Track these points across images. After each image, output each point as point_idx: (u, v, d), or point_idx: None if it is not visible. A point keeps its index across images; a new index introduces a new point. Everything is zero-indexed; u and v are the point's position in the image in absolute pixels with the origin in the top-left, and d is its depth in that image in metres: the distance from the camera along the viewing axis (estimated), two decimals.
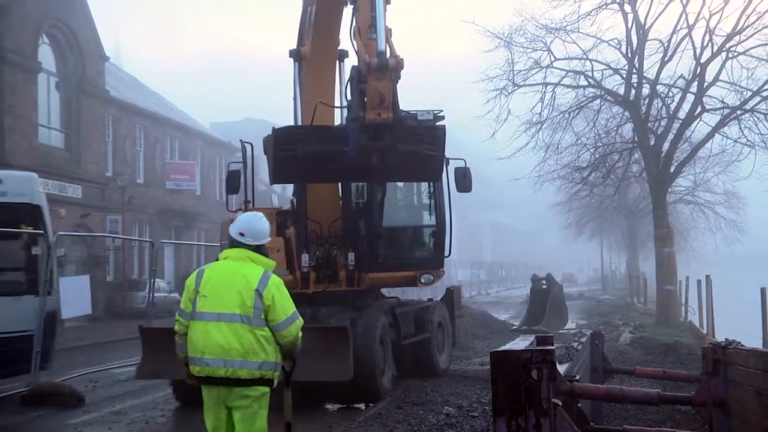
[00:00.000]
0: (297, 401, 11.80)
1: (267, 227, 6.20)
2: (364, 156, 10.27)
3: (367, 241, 13.24)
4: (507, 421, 3.70)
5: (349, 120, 10.42)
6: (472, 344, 20.81)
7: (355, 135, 10.05)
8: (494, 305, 39.83)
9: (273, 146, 11.22)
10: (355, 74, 10.17)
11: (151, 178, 38.95)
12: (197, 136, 45.05)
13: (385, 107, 9.83)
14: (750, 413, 5.82)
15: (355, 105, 10.10)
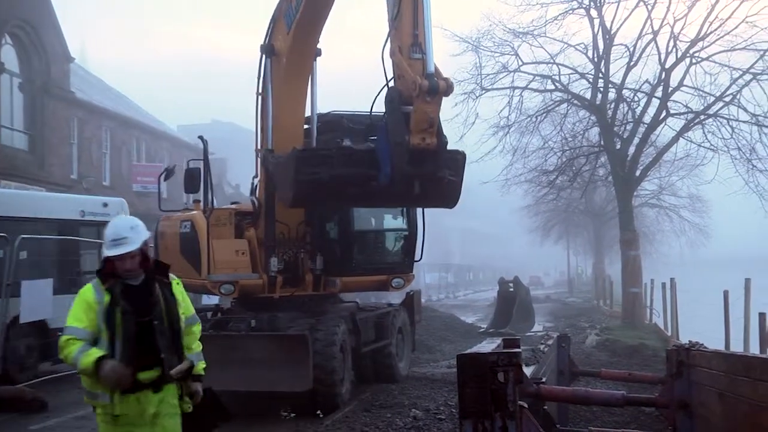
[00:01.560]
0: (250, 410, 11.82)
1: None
2: (401, 182, 9.63)
3: (339, 244, 13.17)
4: (473, 423, 3.70)
5: (382, 143, 9.85)
6: (439, 347, 20.83)
7: (395, 160, 9.48)
8: (462, 308, 39.90)
9: (293, 168, 10.55)
10: (396, 96, 9.55)
11: (117, 180, 38.54)
12: (164, 138, 44.67)
13: (430, 132, 9.33)
14: (712, 414, 5.87)
15: (398, 128, 9.44)
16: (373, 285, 14.27)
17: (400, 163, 9.39)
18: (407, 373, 14.80)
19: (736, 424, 5.21)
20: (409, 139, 9.25)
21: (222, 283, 12.08)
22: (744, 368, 5.02)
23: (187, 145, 46.72)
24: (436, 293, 55.54)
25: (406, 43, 9.63)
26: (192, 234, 12.53)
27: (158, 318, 5.47)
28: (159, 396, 5.43)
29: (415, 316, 15.80)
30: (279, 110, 12.26)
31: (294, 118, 12.48)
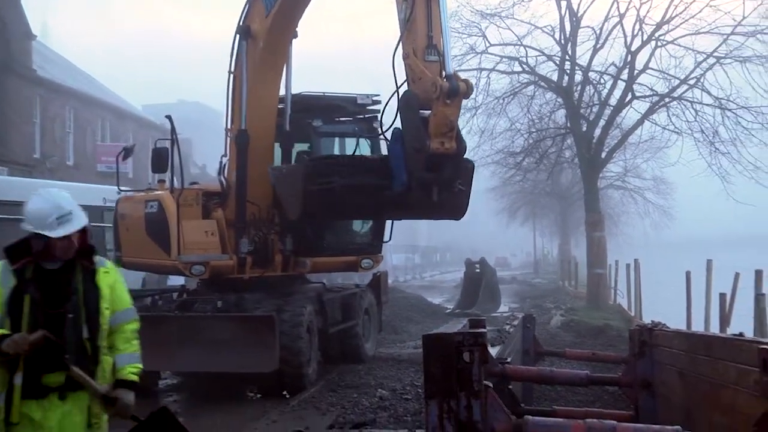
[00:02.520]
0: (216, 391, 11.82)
1: None
2: (418, 189, 9.26)
3: (310, 225, 13.16)
4: (439, 403, 3.73)
5: (396, 150, 9.46)
6: (406, 328, 20.91)
7: (412, 166, 9.10)
8: (428, 289, 40.06)
9: (302, 178, 10.17)
10: (413, 100, 9.24)
11: (81, 160, 38.08)
12: (129, 118, 44.17)
13: (449, 136, 9.02)
14: (673, 393, 5.97)
15: (417, 133, 9.08)
16: (342, 266, 14.31)
17: (417, 169, 9.04)
18: (374, 354, 14.86)
19: (696, 402, 5.30)
20: (429, 144, 8.92)
21: (193, 264, 11.99)
22: (704, 347, 5.11)
23: (153, 125, 46.24)
24: (403, 274, 55.70)
25: (420, 46, 9.38)
26: (160, 214, 12.38)
27: (74, 311, 4.59)
28: (64, 407, 4.57)
29: (381, 297, 15.85)
30: (253, 91, 12.15)
31: (269, 99, 12.40)
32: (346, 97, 13.77)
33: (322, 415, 9.75)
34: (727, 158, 25.49)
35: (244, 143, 12.03)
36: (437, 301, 30.69)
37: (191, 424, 10.20)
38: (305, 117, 12.98)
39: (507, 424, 3.80)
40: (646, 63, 26.26)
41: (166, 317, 11.72)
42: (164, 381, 12.94)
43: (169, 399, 11.87)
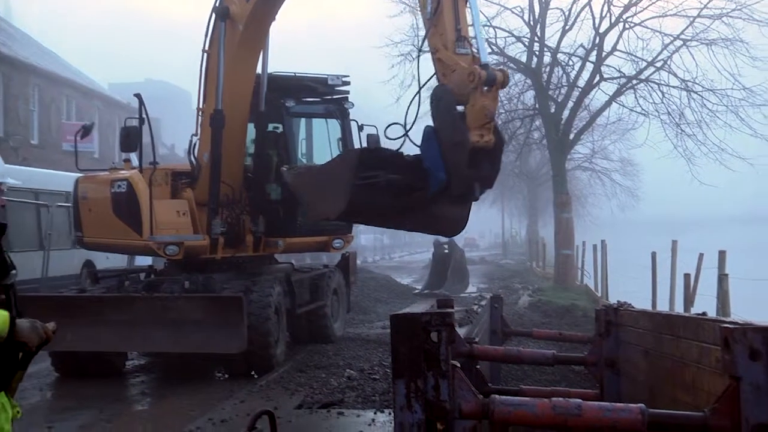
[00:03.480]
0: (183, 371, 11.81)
1: None
2: (460, 186, 8.78)
3: (283, 205, 13.13)
4: (406, 382, 3.74)
5: (431, 149, 8.92)
6: (374, 308, 20.97)
7: (452, 162, 8.63)
8: (397, 270, 40.16)
9: (353, 170, 9.22)
10: (447, 94, 8.84)
11: (46, 139, 37.60)
12: (95, 96, 43.64)
13: (488, 128, 8.64)
14: (638, 371, 6.05)
15: (455, 126, 8.66)
16: (314, 246, 14.36)
17: (459, 164, 8.60)
18: (342, 334, 14.91)
19: (660, 380, 5.37)
20: (470, 137, 8.57)
21: (167, 244, 11.91)
22: (668, 326, 5.17)
23: (120, 104, 45.76)
24: (372, 255, 55.76)
25: (450, 39, 9.13)
26: (129, 194, 12.23)
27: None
28: None
29: (350, 278, 15.88)
30: (230, 72, 11.98)
31: (245, 80, 12.28)
32: (317, 77, 13.74)
33: (291, 395, 9.77)
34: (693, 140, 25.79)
35: (219, 123, 11.92)
36: (406, 282, 30.79)
37: (159, 404, 10.24)
38: (277, 97, 12.93)
39: (474, 403, 3.82)
40: (614, 45, 26.45)
41: (133, 298, 11.66)
42: (131, 362, 12.89)
43: (137, 380, 11.83)
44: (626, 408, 3.72)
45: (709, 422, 3.53)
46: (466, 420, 3.82)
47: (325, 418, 8.38)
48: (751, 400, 3.37)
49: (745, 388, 3.39)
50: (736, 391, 3.43)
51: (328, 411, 8.69)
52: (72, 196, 13.99)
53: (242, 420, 7.32)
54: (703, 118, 25.29)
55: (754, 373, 3.37)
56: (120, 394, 10.84)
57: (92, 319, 11.08)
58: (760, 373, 3.36)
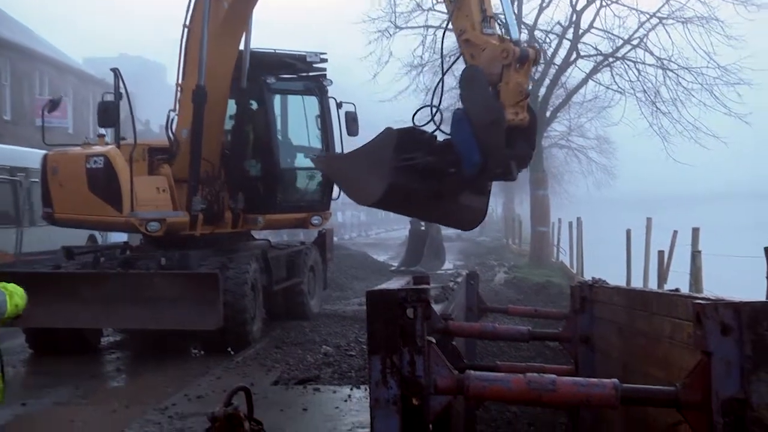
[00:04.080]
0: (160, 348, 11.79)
1: None
2: (497, 166, 8.52)
3: (263, 182, 13.09)
4: (382, 358, 3.75)
5: (463, 132, 8.67)
6: (351, 285, 21.01)
7: (488, 143, 8.35)
8: (374, 247, 40.21)
9: (394, 148, 8.86)
10: (478, 73, 8.65)
11: (18, 114, 37.14)
12: (69, 71, 43.13)
13: (522, 106, 8.48)
14: (612, 347, 6.11)
15: (489, 105, 8.46)
16: (294, 222, 14.39)
17: (497, 143, 8.36)
18: (318, 311, 14.93)
19: (633, 355, 5.43)
20: (505, 116, 8.39)
21: (149, 221, 11.83)
22: (641, 303, 5.22)
23: (94, 79, 45.23)
24: (349, 232, 55.77)
25: (477, 20, 9.02)
26: (107, 170, 12.11)
27: None
28: None
29: (326, 255, 15.90)
30: (213, 50, 11.86)
31: (227, 56, 12.19)
32: (296, 54, 13.70)
33: (267, 371, 9.78)
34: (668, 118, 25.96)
35: (201, 100, 11.81)
36: (382, 259, 30.84)
37: (134, 381, 10.23)
38: (258, 73, 12.86)
39: (449, 379, 3.84)
40: (591, 22, 26.49)
41: (109, 275, 11.60)
42: (107, 338, 12.85)
43: (112, 356, 11.80)
44: (600, 383, 3.76)
45: (681, 397, 3.58)
46: (442, 395, 3.84)
47: (302, 394, 8.41)
48: (722, 375, 3.41)
49: (716, 363, 3.43)
50: (707, 366, 3.47)
51: (305, 387, 8.72)
52: (40, 172, 13.74)
53: (218, 396, 7.32)
54: (678, 97, 25.47)
55: (725, 348, 3.41)
56: (95, 370, 10.81)
57: (67, 296, 11.02)
58: (731, 348, 3.40)
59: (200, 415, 6.96)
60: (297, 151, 14.08)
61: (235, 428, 5.86)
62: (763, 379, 3.36)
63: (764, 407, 3.36)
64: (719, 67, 24.79)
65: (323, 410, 7.59)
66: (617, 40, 26.04)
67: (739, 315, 3.40)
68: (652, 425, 4.81)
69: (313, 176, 13.99)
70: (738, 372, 3.40)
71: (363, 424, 6.61)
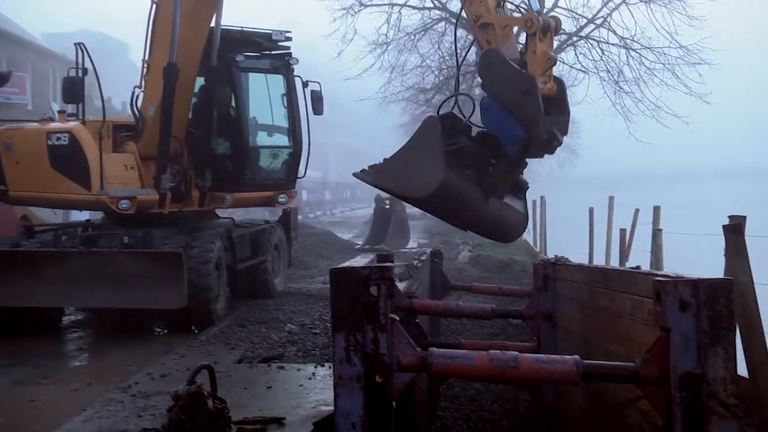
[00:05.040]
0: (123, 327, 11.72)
1: None
2: (542, 135, 8.30)
3: (231, 160, 13.00)
4: (346, 336, 3.77)
5: (494, 115, 8.53)
6: (315, 263, 21.00)
7: (527, 113, 8.20)
8: (339, 225, 40.18)
9: (440, 132, 8.65)
10: (497, 54, 8.65)
11: None
12: (28, 47, 42.37)
13: (549, 75, 8.42)
14: (574, 324, 6.18)
15: (516, 78, 8.35)
16: (260, 201, 14.34)
17: (535, 111, 8.22)
18: (283, 289, 14.91)
19: (594, 332, 5.50)
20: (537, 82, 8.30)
21: (120, 199, 11.68)
22: (603, 280, 5.28)
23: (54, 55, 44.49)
24: (313, 210, 55.70)
25: (491, 5, 9.08)
26: (73, 146, 11.88)
27: None
28: None
29: (291, 233, 15.86)
30: (184, 27, 11.68)
31: (198, 34, 12.01)
32: (262, 32, 13.60)
33: (231, 349, 9.75)
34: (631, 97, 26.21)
35: (173, 77, 11.63)
36: (347, 237, 30.85)
37: (96, 360, 10.16)
38: (224, 51, 12.74)
39: (412, 356, 3.87)
40: (555, 1, 26.57)
41: (70, 253, 11.46)
42: (68, 317, 12.72)
43: (74, 335, 11.70)
44: (561, 360, 3.81)
45: (640, 372, 3.63)
46: (405, 373, 3.87)
47: (266, 372, 8.39)
48: (680, 350, 3.48)
49: (674, 338, 3.49)
50: (666, 342, 3.53)
51: (269, 365, 8.70)
52: None
53: (182, 374, 7.29)
54: (641, 76, 25.72)
55: (684, 324, 3.47)
56: (56, 350, 10.70)
57: (27, 274, 10.87)
58: (689, 325, 3.46)
59: (164, 394, 6.92)
60: (263, 130, 14.02)
61: (198, 406, 5.85)
62: (719, 354, 3.43)
63: (720, 381, 3.43)
64: (681, 47, 25.06)
65: (287, 388, 7.58)
66: (581, 20, 26.18)
67: (698, 292, 3.46)
68: (613, 400, 4.88)
69: (278, 154, 13.96)
70: (695, 347, 3.46)
71: (327, 401, 6.62)
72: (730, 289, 3.46)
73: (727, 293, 3.44)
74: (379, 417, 3.77)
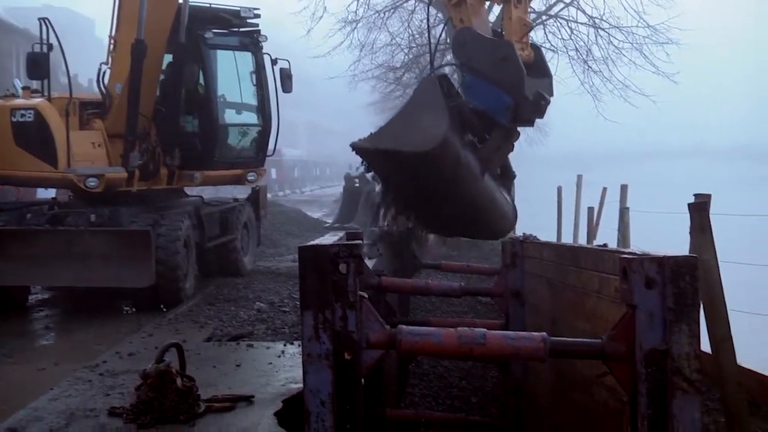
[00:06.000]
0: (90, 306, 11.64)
1: None
2: (526, 103, 8.37)
3: (200, 138, 12.90)
4: (314, 314, 3.77)
5: (478, 89, 8.57)
6: (285, 241, 20.97)
7: (509, 77, 8.19)
8: (308, 203, 40.11)
9: (439, 88, 8.68)
10: (469, 32, 8.75)
11: None
12: None
13: (526, 42, 8.48)
14: (542, 301, 6.23)
15: (491, 47, 8.38)
16: (229, 179, 14.26)
17: (517, 74, 8.30)
18: (252, 268, 14.88)
19: (562, 309, 5.55)
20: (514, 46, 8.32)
21: (88, 177, 11.54)
22: (570, 258, 5.33)
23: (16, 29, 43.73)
24: (282, 189, 55.52)
25: None
26: (39, 123, 11.71)
27: None
28: None
29: (260, 211, 15.82)
30: (152, 4, 11.50)
31: (167, 11, 11.88)
32: (230, 9, 13.48)
33: (200, 328, 9.73)
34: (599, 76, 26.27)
35: (141, 54, 11.50)
36: (316, 215, 30.81)
37: (64, 339, 10.08)
38: (193, 28, 12.61)
39: (381, 334, 3.88)
40: None
41: (36, 231, 11.33)
42: (35, 296, 12.61)
43: (40, 314, 11.60)
44: (529, 336, 3.84)
45: (606, 349, 3.68)
46: (374, 350, 3.88)
47: (235, 350, 8.38)
48: (645, 327, 3.52)
49: (640, 315, 3.53)
50: (632, 319, 3.57)
51: (238, 343, 8.70)
52: None
53: (150, 353, 7.26)
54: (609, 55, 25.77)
55: (649, 301, 3.51)
56: (22, 329, 10.60)
57: None
58: (655, 301, 3.50)
59: (132, 372, 6.90)
60: (232, 108, 13.93)
61: (167, 384, 5.84)
62: (683, 331, 3.48)
63: (684, 357, 3.48)
64: (649, 27, 25.14)
65: (256, 366, 7.58)
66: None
67: (663, 269, 3.50)
68: (580, 377, 4.94)
69: (247, 132, 13.89)
70: (661, 324, 3.51)
71: (296, 379, 6.64)
72: (694, 266, 3.50)
73: (691, 270, 3.48)
74: (348, 394, 3.79)
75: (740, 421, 5.40)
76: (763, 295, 15.39)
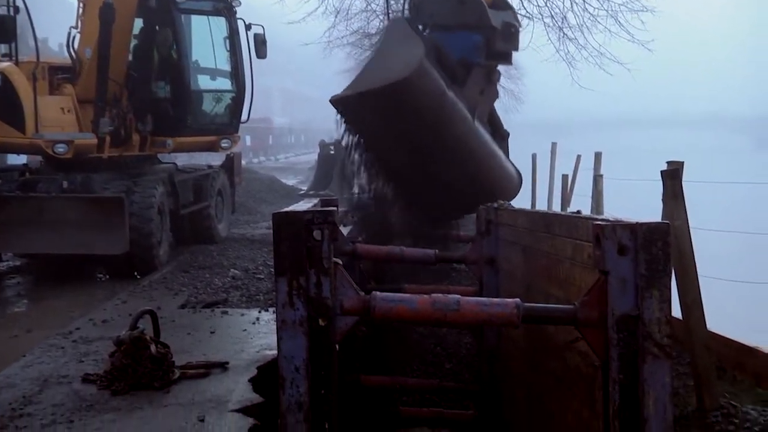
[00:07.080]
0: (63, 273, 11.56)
1: None
2: (499, 36, 8.39)
3: (172, 104, 12.77)
4: (288, 280, 3.77)
5: (443, 40, 8.54)
6: (259, 208, 20.91)
7: (473, 15, 8.29)
8: (283, 171, 39.95)
9: (408, 21, 8.80)
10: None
11: None
12: None
13: None
14: (516, 268, 6.27)
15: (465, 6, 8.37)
16: (203, 146, 14.13)
17: (480, 8, 8.37)
18: (226, 235, 14.84)
19: (536, 276, 5.58)
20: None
21: (56, 142, 11.39)
22: (544, 225, 5.35)
23: None
24: (257, 155, 55.25)
25: None
26: (5, 88, 11.51)
27: None
28: None
29: (234, 178, 15.76)
30: None
31: None
32: None
33: (174, 295, 9.70)
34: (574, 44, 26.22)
35: (109, 17, 11.31)
36: (291, 183, 30.71)
37: (37, 306, 10.03)
38: None
39: (355, 300, 3.89)
40: None
41: (6, 197, 11.21)
42: (6, 263, 12.50)
43: (12, 281, 11.52)
44: (502, 303, 3.86)
45: (579, 314, 3.71)
46: (348, 316, 3.89)
47: (209, 317, 8.38)
48: (618, 293, 3.55)
49: (612, 281, 3.56)
50: (605, 285, 3.60)
51: (212, 310, 8.69)
52: None
53: (124, 320, 7.24)
54: (585, 23, 25.69)
55: (622, 267, 3.54)
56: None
57: None
58: (627, 268, 3.53)
59: (106, 339, 6.88)
60: (205, 74, 13.79)
61: (141, 351, 5.84)
62: (655, 297, 3.51)
63: (655, 323, 3.52)
64: None
65: (231, 333, 7.59)
66: None
67: (636, 235, 3.52)
68: (553, 342, 4.98)
69: (220, 98, 13.78)
70: (633, 290, 3.54)
71: (271, 346, 6.65)
72: (666, 232, 3.53)
73: (663, 237, 3.51)
74: (323, 360, 3.80)
75: (708, 384, 5.49)
76: (735, 262, 15.58)
